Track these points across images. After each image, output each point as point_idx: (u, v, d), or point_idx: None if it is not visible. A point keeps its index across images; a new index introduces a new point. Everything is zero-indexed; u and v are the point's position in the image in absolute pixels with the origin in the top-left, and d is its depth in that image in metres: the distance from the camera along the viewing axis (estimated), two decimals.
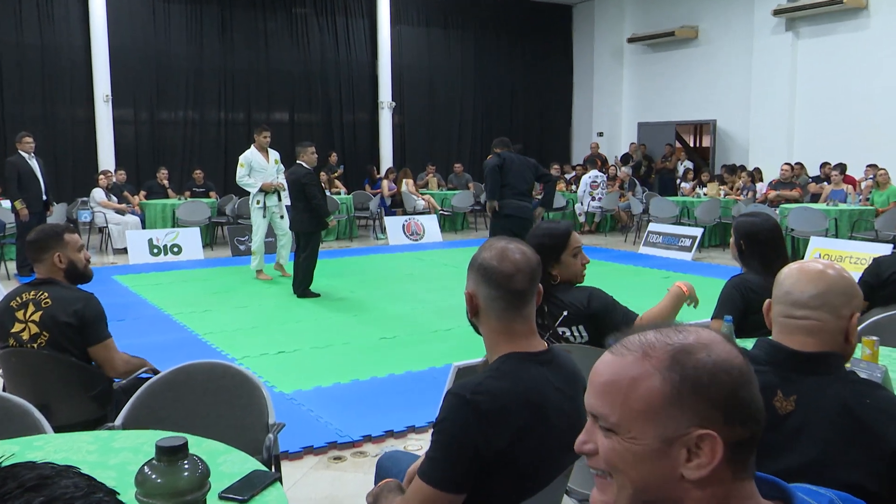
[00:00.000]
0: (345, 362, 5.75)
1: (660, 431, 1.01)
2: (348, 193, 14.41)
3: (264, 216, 8.98)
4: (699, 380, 1.00)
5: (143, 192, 13.13)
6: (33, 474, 0.68)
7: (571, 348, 2.75)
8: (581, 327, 3.04)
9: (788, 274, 1.80)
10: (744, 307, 3.20)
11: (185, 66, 15.29)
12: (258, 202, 8.96)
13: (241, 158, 8.96)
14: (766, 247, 3.31)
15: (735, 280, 3.30)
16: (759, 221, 3.35)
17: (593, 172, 14.32)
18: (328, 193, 13.50)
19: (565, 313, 3.02)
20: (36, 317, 3.01)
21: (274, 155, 9.33)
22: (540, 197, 7.80)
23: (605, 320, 3.03)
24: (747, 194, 12.92)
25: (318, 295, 8.10)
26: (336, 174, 15.06)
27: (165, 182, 13.37)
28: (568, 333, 3.04)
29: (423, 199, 14.44)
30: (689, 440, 1.00)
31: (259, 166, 8.87)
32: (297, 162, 8.00)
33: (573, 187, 15.11)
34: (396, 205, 14.80)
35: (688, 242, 11.28)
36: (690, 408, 1.00)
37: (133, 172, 14.38)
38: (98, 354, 3.10)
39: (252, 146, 9.08)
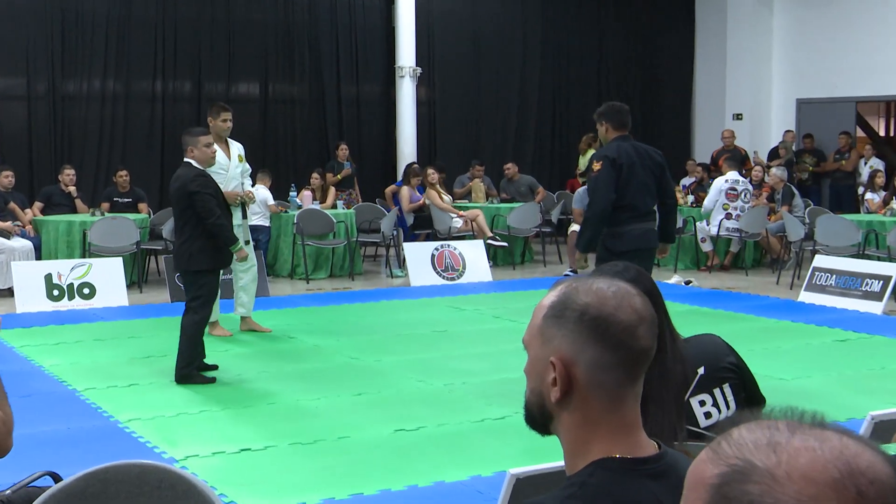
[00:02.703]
0: (342, 467, 5.74)
1: None
2: (348, 206, 14.48)
3: None
4: None
5: (38, 204, 13.37)
6: None
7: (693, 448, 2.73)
8: (728, 388, 3.05)
9: None
10: None
11: (103, 16, 15.58)
12: None
13: None
14: None
15: None
16: None
17: (731, 175, 14.23)
18: (315, 206, 13.60)
19: (701, 371, 3.03)
20: None
21: (237, 148, 9.42)
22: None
23: (752, 383, 3.06)
24: None
25: (211, 380, 7.64)
26: (340, 176, 15.17)
27: (72, 188, 13.59)
28: (710, 404, 3.04)
29: (463, 216, 14.49)
30: None
31: (217, 164, 8.99)
32: (185, 160, 8.03)
33: (689, 198, 15.03)
34: (422, 224, 14.84)
35: (877, 286, 11.11)
36: None
37: (24, 173, 14.65)
38: None
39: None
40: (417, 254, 13.06)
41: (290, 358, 8.59)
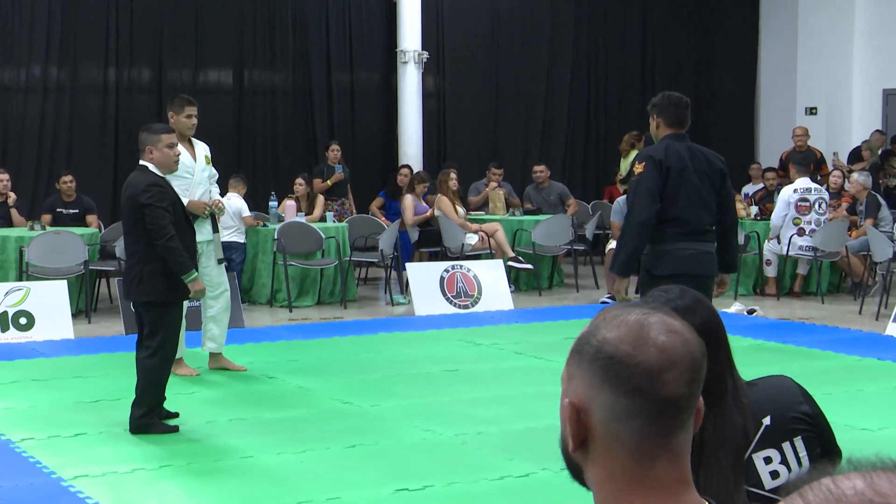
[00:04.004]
0: None
1: None
2: (339, 218, 14.49)
3: None
4: None
5: None
6: None
7: None
8: (800, 442, 3.07)
9: None
10: None
11: None
12: None
13: None
14: None
15: None
16: None
17: (802, 183, 14.21)
18: (299, 218, 13.59)
19: (767, 421, 3.04)
20: None
21: (202, 149, 9.45)
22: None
23: (829, 436, 3.11)
24: None
25: (173, 429, 7.64)
26: (330, 182, 15.17)
27: (10, 196, 13.62)
28: (777, 461, 3.07)
29: (479, 230, 14.49)
30: None
31: (182, 167, 9.02)
32: (140, 163, 8.00)
33: (752, 210, 14.98)
34: (429, 241, 14.83)
35: None
36: None
37: None
38: None
39: None
40: (423, 276, 13.05)
41: (269, 402, 8.57)
